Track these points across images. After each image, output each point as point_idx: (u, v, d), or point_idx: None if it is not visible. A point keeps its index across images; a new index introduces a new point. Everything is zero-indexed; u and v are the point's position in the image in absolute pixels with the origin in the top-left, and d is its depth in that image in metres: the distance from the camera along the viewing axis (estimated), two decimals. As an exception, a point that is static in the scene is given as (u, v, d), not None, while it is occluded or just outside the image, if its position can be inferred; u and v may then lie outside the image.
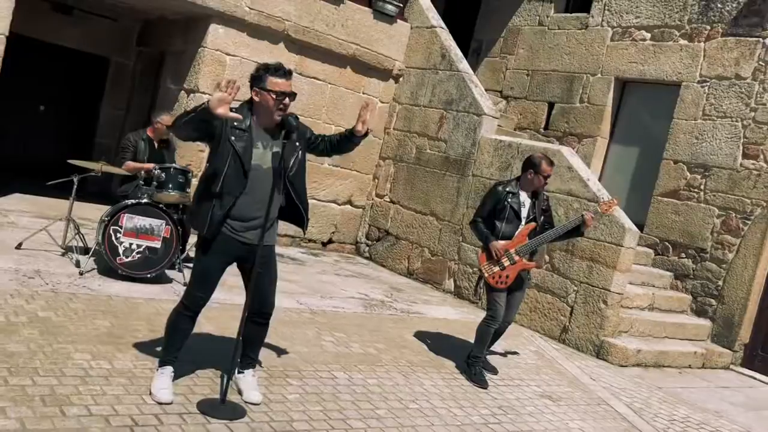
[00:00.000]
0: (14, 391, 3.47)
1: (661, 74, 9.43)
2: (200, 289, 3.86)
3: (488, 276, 5.47)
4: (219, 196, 3.73)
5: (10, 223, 7.11)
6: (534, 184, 5.55)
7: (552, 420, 5.05)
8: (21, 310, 4.63)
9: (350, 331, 6.07)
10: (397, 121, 10.13)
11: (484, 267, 5.50)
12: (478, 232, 5.60)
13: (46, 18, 9.58)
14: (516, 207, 5.50)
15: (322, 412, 4.18)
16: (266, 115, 3.81)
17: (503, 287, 5.48)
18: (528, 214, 5.54)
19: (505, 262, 5.44)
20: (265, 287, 4.00)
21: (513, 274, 5.48)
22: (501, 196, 5.52)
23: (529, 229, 5.53)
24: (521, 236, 5.51)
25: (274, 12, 8.86)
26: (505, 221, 5.48)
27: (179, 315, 3.91)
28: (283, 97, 3.76)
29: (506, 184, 5.67)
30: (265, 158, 3.81)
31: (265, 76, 3.75)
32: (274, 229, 4.00)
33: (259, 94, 3.78)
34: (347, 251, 10.38)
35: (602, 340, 7.25)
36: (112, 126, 10.61)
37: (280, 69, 3.77)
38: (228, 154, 3.72)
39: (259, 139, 3.81)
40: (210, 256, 3.83)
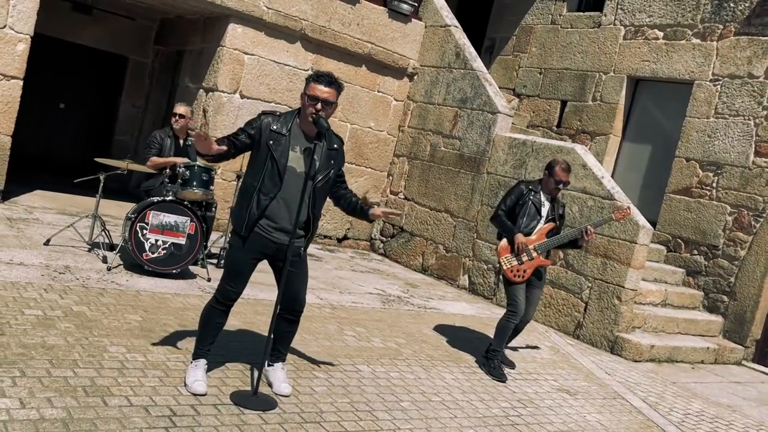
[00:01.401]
0: (58, 383, 3.62)
1: (673, 73, 9.51)
2: (232, 284, 4.00)
3: (506, 268, 5.63)
4: (257, 196, 3.89)
5: (35, 220, 7.27)
6: (548, 186, 5.75)
7: (570, 413, 5.17)
8: (56, 305, 4.78)
9: (370, 326, 6.21)
10: (411, 119, 10.25)
11: (503, 259, 5.66)
12: (502, 224, 5.75)
13: (66, 17, 9.74)
14: (537, 204, 5.71)
15: (349, 404, 4.31)
16: (306, 120, 3.95)
17: (520, 281, 5.65)
18: (548, 214, 5.75)
19: (524, 257, 5.61)
20: (296, 286, 4.13)
21: (530, 270, 5.66)
22: (524, 192, 5.75)
23: (548, 228, 5.72)
24: (541, 234, 5.69)
25: (291, 11, 8.99)
26: (527, 217, 5.67)
27: (212, 309, 4.05)
28: (315, 101, 3.87)
29: (528, 182, 5.93)
30: (300, 162, 3.94)
31: (309, 81, 3.94)
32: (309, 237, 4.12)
33: (302, 98, 3.97)
34: (362, 248, 10.52)
35: (616, 336, 7.37)
36: (131, 123, 10.77)
37: (321, 76, 3.93)
38: (266, 156, 3.89)
39: (298, 144, 3.95)
40: (242, 252, 3.97)
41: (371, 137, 10.19)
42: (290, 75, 9.20)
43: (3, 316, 4.33)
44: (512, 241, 5.63)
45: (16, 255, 5.73)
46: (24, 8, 7.40)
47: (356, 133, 10.00)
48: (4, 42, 7.35)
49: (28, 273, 5.35)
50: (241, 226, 3.94)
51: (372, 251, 10.50)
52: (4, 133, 7.56)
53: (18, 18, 7.38)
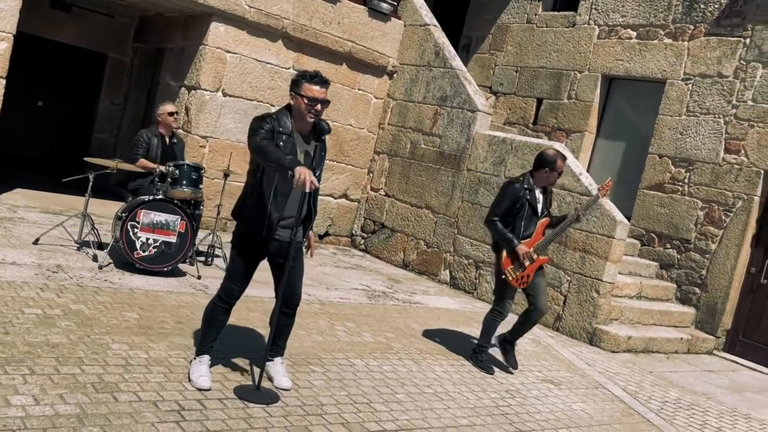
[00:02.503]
0: (67, 380, 3.69)
1: (646, 72, 9.79)
2: (237, 283, 4.10)
3: (512, 279, 5.52)
4: (274, 198, 3.96)
5: (21, 219, 7.26)
6: (549, 180, 5.60)
7: (556, 402, 5.37)
8: (54, 303, 4.83)
9: (360, 321, 6.34)
10: (391, 116, 10.39)
11: (508, 271, 5.51)
12: (499, 233, 5.54)
13: (45, 15, 9.67)
14: (533, 203, 5.56)
15: (347, 396, 4.44)
16: (300, 119, 4.03)
17: (525, 286, 5.62)
18: (542, 210, 5.65)
19: (526, 263, 5.51)
20: (295, 280, 4.24)
21: (532, 273, 5.60)
22: (519, 194, 5.51)
23: (543, 225, 5.65)
24: (538, 233, 5.61)
25: (273, 10, 9.06)
26: (525, 219, 5.51)
27: (216, 307, 4.15)
28: (315, 102, 3.97)
29: (522, 181, 5.63)
30: (305, 161, 4.04)
31: (302, 81, 3.97)
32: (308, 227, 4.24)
33: (294, 98, 4.00)
34: (343, 244, 10.64)
35: (595, 328, 7.61)
36: (110, 121, 10.74)
37: (316, 77, 3.98)
38: None
39: (298, 144, 4.04)
40: (247, 251, 4.07)
41: (352, 135, 10.31)
42: (272, 73, 9.28)
43: (4, 315, 4.38)
44: (514, 252, 5.49)
45: (7, 254, 5.75)
46: (6, 6, 7.36)
47: (337, 130, 10.10)
48: (-13, 40, 7.31)
49: (22, 272, 5.38)
50: (261, 229, 3.98)
51: (353, 247, 10.63)
52: (-13, 131, 7.52)
53: (0, 17, 7.34)
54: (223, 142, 9.02)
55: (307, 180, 3.63)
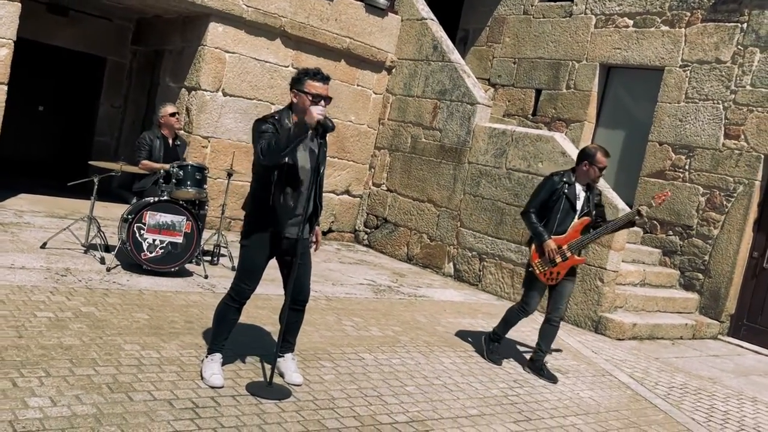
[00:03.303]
0: (82, 381, 3.74)
1: (644, 59, 9.82)
2: (248, 282, 4.14)
3: (539, 273, 5.42)
4: (282, 200, 4.02)
5: (27, 224, 7.30)
6: (589, 175, 5.40)
7: (564, 391, 5.42)
8: (65, 306, 4.88)
9: (366, 316, 6.39)
10: (391, 111, 10.42)
11: (536, 264, 5.43)
12: (533, 226, 5.44)
13: (43, 19, 9.70)
14: (572, 198, 5.38)
15: (357, 390, 4.50)
16: (301, 116, 4.03)
17: (553, 284, 5.49)
18: (583, 208, 5.43)
19: (557, 259, 5.36)
20: (303, 277, 4.29)
21: (563, 271, 5.43)
22: (557, 186, 5.39)
23: (583, 224, 5.43)
24: (574, 231, 5.40)
25: (271, 9, 9.08)
26: (560, 213, 5.37)
27: (227, 306, 4.19)
28: (319, 99, 4.00)
29: (563, 174, 5.50)
30: (305, 158, 4.10)
31: (304, 79, 4.00)
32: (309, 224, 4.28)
33: (297, 96, 4.04)
34: (346, 239, 10.68)
35: (600, 316, 7.66)
36: (110, 124, 10.78)
37: (318, 74, 4.01)
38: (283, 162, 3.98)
39: (302, 143, 4.05)
40: (258, 251, 4.11)
41: (352, 131, 10.34)
42: (271, 72, 9.30)
43: (17, 319, 4.43)
44: (541, 247, 5.39)
45: (16, 259, 5.80)
46: (5, 13, 7.39)
47: (337, 127, 10.07)
48: (-12, 47, 7.35)
49: (32, 276, 5.43)
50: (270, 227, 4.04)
51: (356, 242, 10.67)
52: (-9, 138, 7.56)
53: (0, 23, 7.37)
54: (224, 142, 9.06)
55: (314, 112, 3.81)
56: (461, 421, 4.35)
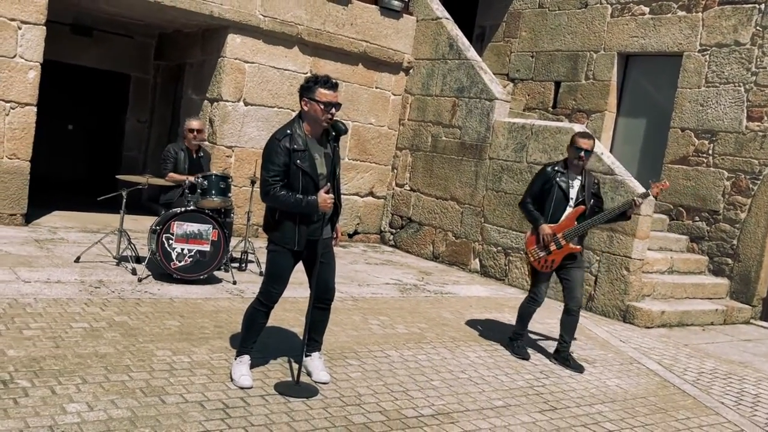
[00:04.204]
0: (116, 386, 3.90)
1: (662, 46, 9.77)
2: (276, 286, 4.26)
3: (534, 260, 5.57)
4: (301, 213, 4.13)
5: (61, 239, 7.54)
6: (571, 158, 5.50)
7: (590, 380, 5.45)
8: (99, 317, 5.06)
9: (392, 314, 6.49)
10: (410, 111, 10.51)
11: (530, 251, 5.57)
12: (528, 213, 5.63)
13: (68, 41, 9.98)
14: (564, 186, 5.50)
15: (384, 386, 4.59)
16: (315, 124, 4.18)
17: (548, 271, 5.63)
18: (577, 196, 5.52)
19: (551, 247, 5.48)
20: (328, 276, 4.40)
21: (558, 259, 5.54)
22: (549, 176, 5.54)
23: (577, 212, 5.51)
24: (569, 219, 5.50)
25: (287, 17, 9.24)
26: (554, 202, 5.49)
27: (256, 311, 4.32)
28: (330, 107, 4.11)
29: (555, 164, 5.68)
30: (322, 165, 4.21)
31: (315, 87, 4.10)
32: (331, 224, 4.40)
33: (309, 104, 4.13)
34: (372, 241, 10.79)
35: (627, 305, 7.65)
36: (138, 139, 11.04)
37: (328, 81, 4.11)
38: (299, 174, 4.11)
39: (315, 151, 4.19)
40: (285, 255, 4.23)
41: (373, 133, 10.46)
42: (290, 79, 9.46)
43: (54, 331, 4.62)
44: (537, 231, 5.54)
45: (52, 274, 6.01)
46: (32, 36, 7.65)
47: (358, 130, 10.26)
48: (16, 71, 7.61)
49: (67, 289, 5.63)
50: (293, 243, 4.16)
51: (382, 243, 10.78)
52: (23, 158, 7.83)
53: (27, 47, 7.64)
54: (248, 150, 9.23)
55: (327, 205, 4.08)
56: (486, 413, 4.42)
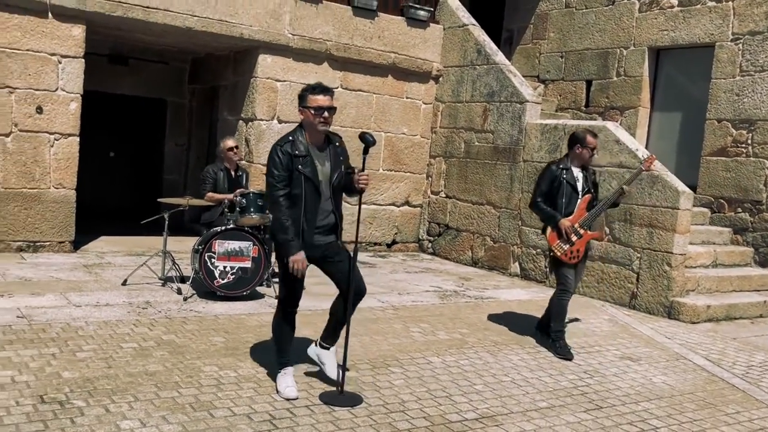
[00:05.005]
0: (167, 403, 4.03)
1: (693, 38, 9.66)
2: (292, 291, 4.37)
3: (561, 254, 5.78)
4: (304, 217, 4.25)
5: (108, 264, 7.77)
6: (583, 157, 5.86)
7: (635, 378, 5.42)
8: (147, 336, 5.22)
9: (433, 321, 6.53)
10: (442, 119, 10.56)
11: (555, 246, 5.80)
12: (542, 212, 5.90)
13: (105, 71, 10.31)
14: (572, 182, 5.83)
15: (427, 392, 4.64)
16: (312, 131, 4.27)
17: (575, 261, 5.85)
18: (583, 188, 5.88)
19: (573, 238, 5.77)
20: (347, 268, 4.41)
21: (582, 248, 5.84)
22: (556, 174, 5.84)
23: (586, 201, 5.86)
24: (580, 210, 5.84)
25: (315, 34, 9.40)
26: (565, 197, 5.81)
27: (279, 318, 4.44)
28: (322, 111, 4.20)
29: (558, 162, 5.99)
30: (324, 172, 4.31)
31: (306, 95, 4.25)
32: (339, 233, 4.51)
33: (303, 112, 4.27)
34: (411, 249, 10.85)
35: (671, 301, 7.56)
36: (177, 162, 11.31)
37: (318, 87, 4.26)
38: (301, 180, 4.21)
39: (316, 157, 4.29)
40: None
41: (406, 142, 10.53)
42: (322, 94, 9.58)
43: (105, 352, 4.78)
44: (558, 228, 5.78)
45: (101, 297, 6.21)
46: (72, 69, 7.93)
47: (391, 140, 10.35)
48: (59, 103, 7.90)
49: (115, 312, 5.81)
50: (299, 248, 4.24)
51: (421, 251, 10.83)
52: (69, 187, 8.10)
53: (68, 79, 7.92)
54: (284, 167, 9.37)
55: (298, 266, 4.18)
56: (531, 414, 4.43)
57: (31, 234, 7.93)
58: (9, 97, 7.65)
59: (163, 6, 8.26)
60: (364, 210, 6.36)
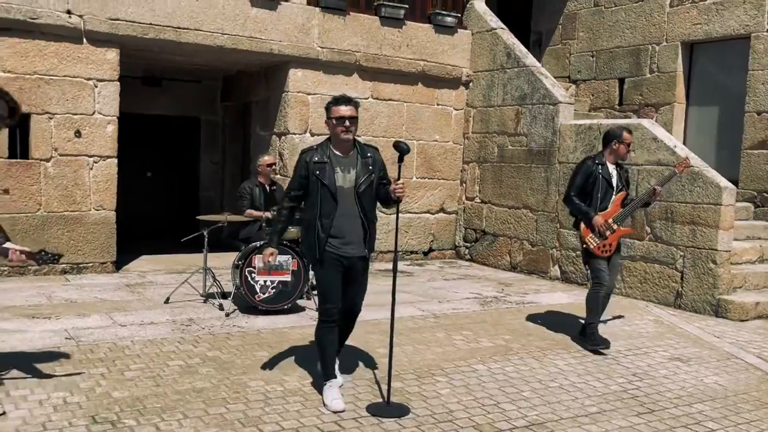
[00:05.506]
0: (216, 419, 4.05)
1: (727, 30, 9.48)
2: (328, 301, 4.43)
3: (594, 248, 5.88)
4: (319, 222, 4.35)
5: (150, 283, 7.87)
6: (619, 153, 5.94)
7: (686, 379, 5.30)
8: (192, 353, 5.26)
9: (475, 328, 6.48)
10: (474, 124, 10.52)
11: (588, 240, 5.89)
12: (576, 207, 5.96)
13: (140, 92, 10.47)
14: (608, 177, 5.90)
15: (474, 400, 4.59)
16: (337, 140, 4.41)
17: (608, 255, 5.94)
18: (617, 184, 5.95)
19: (606, 232, 5.84)
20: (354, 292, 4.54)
21: (614, 242, 5.94)
22: (592, 169, 5.91)
23: (621, 197, 5.96)
24: (615, 205, 5.93)
25: (344, 46, 9.44)
26: (600, 191, 5.87)
27: (322, 330, 4.48)
28: (343, 120, 4.33)
29: (594, 157, 6.05)
30: (347, 180, 4.39)
31: (330, 106, 4.43)
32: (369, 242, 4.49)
33: (328, 123, 4.45)
34: (448, 257, 10.80)
35: (718, 299, 7.40)
36: (212, 179, 11.44)
37: (340, 99, 4.41)
38: (318, 185, 4.36)
39: (338, 165, 4.39)
40: (325, 270, 4.41)
41: (438, 149, 10.50)
42: (353, 105, 9.62)
43: (152, 370, 4.83)
44: (591, 224, 5.85)
45: (145, 316, 6.29)
46: (108, 93, 8.08)
47: (423, 148, 10.33)
48: (96, 126, 8.05)
49: (160, 330, 5.87)
50: (314, 251, 4.39)
51: (458, 258, 10.77)
52: (109, 208, 8.23)
53: (104, 103, 8.07)
54: (318, 180, 9.41)
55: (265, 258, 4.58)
56: (581, 420, 4.36)
57: (74, 256, 8.07)
58: (48, 123, 7.82)
59: (194, 26, 8.38)
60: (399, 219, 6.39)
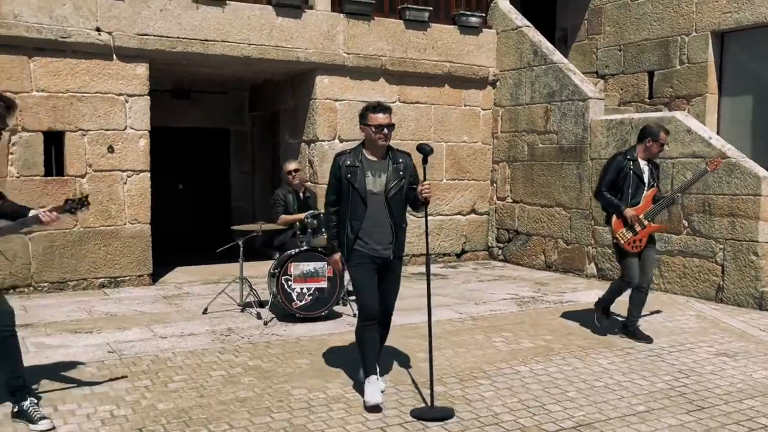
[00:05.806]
0: (261, 429, 4.05)
1: (759, 17, 9.30)
2: (366, 299, 4.46)
3: (624, 242, 5.91)
4: (350, 223, 4.45)
5: (187, 294, 7.93)
6: (652, 151, 5.95)
7: (734, 374, 5.18)
8: (234, 363, 5.28)
9: (515, 329, 6.42)
10: (502, 123, 10.45)
11: (619, 234, 5.92)
12: (607, 201, 5.98)
13: (169, 106, 10.58)
14: (639, 173, 5.92)
15: (519, 402, 4.54)
16: (372, 146, 4.50)
17: (637, 251, 5.95)
18: (649, 180, 5.97)
19: (637, 227, 5.88)
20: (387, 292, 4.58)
21: (645, 238, 5.95)
22: (623, 164, 5.93)
23: (653, 194, 5.97)
24: (647, 201, 5.94)
25: (369, 51, 9.44)
26: (632, 187, 5.89)
27: (361, 329, 4.50)
28: (382, 128, 4.41)
29: (625, 152, 6.07)
30: (377, 184, 4.46)
31: (367, 113, 4.49)
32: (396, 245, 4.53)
33: (364, 129, 4.50)
34: (481, 258, 10.73)
35: (762, 291, 7.24)
36: (243, 189, 11.52)
37: (378, 106, 4.49)
38: (349, 188, 4.46)
39: (370, 169, 4.47)
40: (357, 269, 4.48)
41: (467, 150, 10.45)
42: (380, 110, 9.61)
43: (195, 381, 4.85)
44: (623, 217, 5.87)
45: (184, 327, 6.33)
46: (138, 108, 8.18)
47: (452, 149, 10.30)
48: (128, 141, 8.15)
49: (200, 341, 5.91)
50: (343, 251, 4.52)
51: (492, 259, 10.70)
52: (143, 221, 8.32)
53: (135, 117, 8.16)
54: (348, 185, 9.42)
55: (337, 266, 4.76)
56: (629, 419, 4.28)
57: (112, 270, 8.17)
58: (82, 140, 7.93)
59: (221, 37, 8.45)
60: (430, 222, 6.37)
